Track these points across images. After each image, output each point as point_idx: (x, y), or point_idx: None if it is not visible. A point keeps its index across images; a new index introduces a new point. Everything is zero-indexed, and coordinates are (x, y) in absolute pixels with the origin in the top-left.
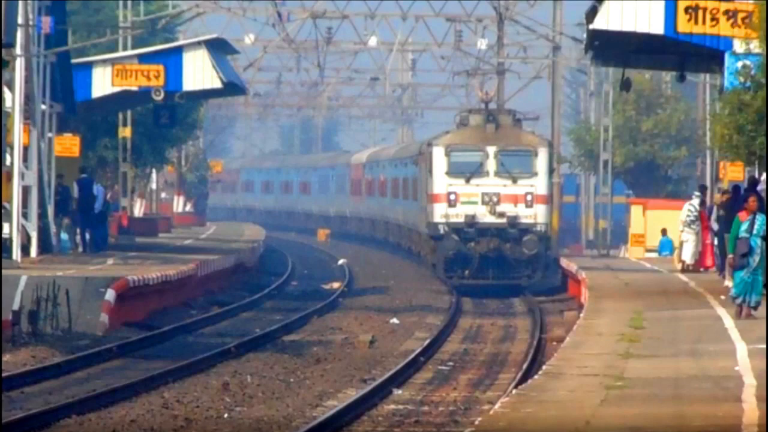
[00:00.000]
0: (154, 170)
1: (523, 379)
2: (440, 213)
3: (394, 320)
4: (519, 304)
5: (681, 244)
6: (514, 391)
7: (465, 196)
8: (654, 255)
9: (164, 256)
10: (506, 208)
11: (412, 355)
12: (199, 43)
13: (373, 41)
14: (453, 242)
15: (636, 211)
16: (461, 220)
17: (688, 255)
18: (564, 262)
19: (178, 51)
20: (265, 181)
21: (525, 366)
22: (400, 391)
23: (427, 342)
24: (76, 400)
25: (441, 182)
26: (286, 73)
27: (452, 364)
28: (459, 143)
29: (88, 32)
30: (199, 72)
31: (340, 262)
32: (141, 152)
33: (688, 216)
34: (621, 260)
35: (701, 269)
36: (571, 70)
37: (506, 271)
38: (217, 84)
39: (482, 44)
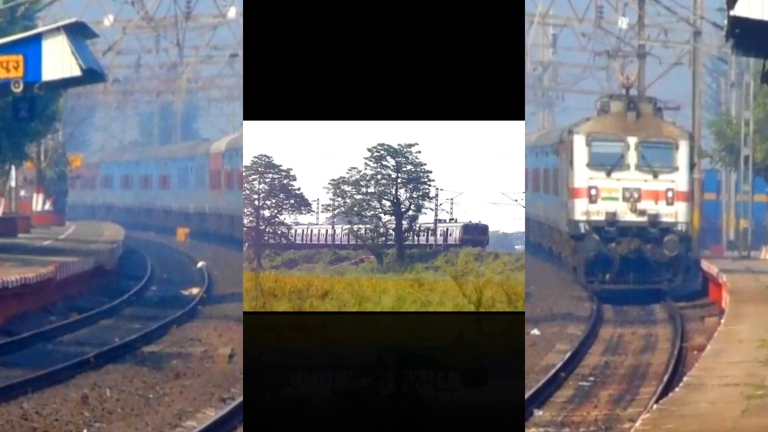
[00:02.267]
0: (13, 167)
1: (665, 392)
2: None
3: None
4: (660, 311)
5: None
6: (654, 406)
7: (606, 191)
8: None
9: (23, 257)
10: (647, 205)
11: None
12: (58, 29)
13: (232, 13)
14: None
15: None
16: (602, 217)
17: None
18: (705, 265)
19: (37, 39)
20: (124, 176)
21: (666, 378)
22: None
23: None
24: None
25: (582, 175)
26: (145, 55)
27: (593, 379)
28: (600, 132)
29: None
30: (58, 60)
31: (199, 264)
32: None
33: None
34: (762, 262)
35: None
36: (711, 58)
37: (647, 274)
38: (76, 72)
39: (623, 23)
